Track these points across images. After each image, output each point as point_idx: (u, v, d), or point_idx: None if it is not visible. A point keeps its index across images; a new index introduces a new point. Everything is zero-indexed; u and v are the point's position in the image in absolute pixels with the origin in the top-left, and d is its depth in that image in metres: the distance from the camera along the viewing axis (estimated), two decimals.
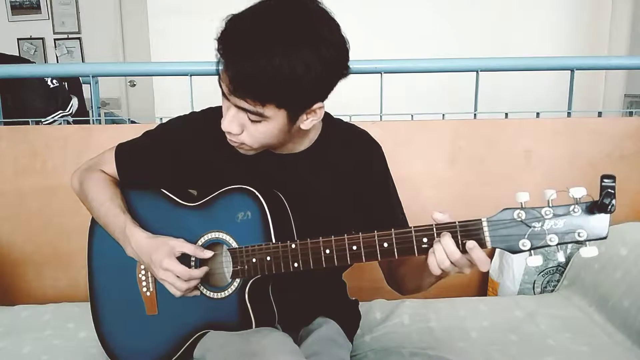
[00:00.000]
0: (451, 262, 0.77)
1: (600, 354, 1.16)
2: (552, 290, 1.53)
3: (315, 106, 0.86)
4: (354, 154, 1.02)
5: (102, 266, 1.08)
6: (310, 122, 0.89)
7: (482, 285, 1.63)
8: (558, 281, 1.53)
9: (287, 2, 0.81)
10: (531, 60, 1.76)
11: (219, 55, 0.81)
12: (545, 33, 2.87)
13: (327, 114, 1.04)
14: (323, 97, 0.87)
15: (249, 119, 0.84)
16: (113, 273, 1.06)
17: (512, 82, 2.40)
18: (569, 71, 1.61)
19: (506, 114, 1.61)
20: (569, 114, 1.63)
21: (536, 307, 1.38)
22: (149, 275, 1.01)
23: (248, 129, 0.86)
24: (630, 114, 2.32)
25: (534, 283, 1.53)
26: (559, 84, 1.90)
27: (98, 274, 1.09)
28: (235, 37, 0.80)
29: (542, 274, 1.53)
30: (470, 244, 0.75)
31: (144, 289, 1.02)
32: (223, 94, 0.85)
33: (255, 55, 0.77)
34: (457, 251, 0.76)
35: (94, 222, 1.09)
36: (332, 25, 0.83)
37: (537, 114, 1.62)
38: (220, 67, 0.83)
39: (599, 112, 1.72)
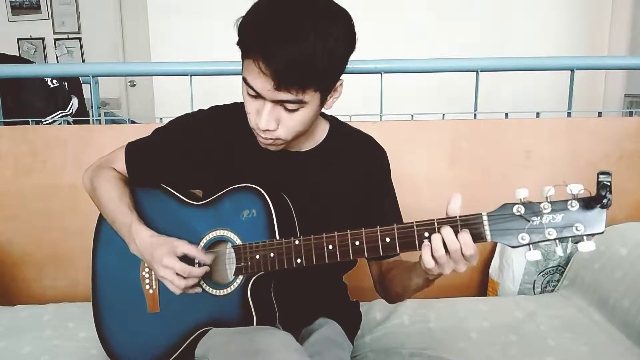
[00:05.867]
0: (446, 252, 0.75)
1: (600, 354, 1.16)
2: (552, 290, 1.53)
3: (338, 83, 0.88)
4: (360, 158, 1.03)
5: (106, 263, 1.09)
6: (332, 101, 0.90)
7: (482, 285, 1.63)
8: (558, 281, 1.53)
9: None
10: (531, 60, 1.75)
11: (249, 56, 0.79)
12: (545, 33, 2.88)
13: (333, 117, 1.06)
14: (342, 72, 0.87)
15: (286, 109, 0.83)
16: (117, 270, 1.06)
17: (512, 82, 2.40)
18: (569, 71, 1.61)
19: (506, 114, 1.62)
20: (569, 114, 1.63)
21: (536, 307, 1.38)
22: (152, 272, 1.02)
23: (284, 122, 0.85)
24: (630, 114, 2.32)
25: (534, 283, 1.53)
26: (559, 84, 1.90)
27: (102, 272, 1.09)
28: (266, 27, 0.78)
29: (542, 274, 1.53)
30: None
31: (147, 286, 1.02)
32: (253, 95, 0.83)
33: (296, 39, 0.75)
34: (456, 241, 0.75)
35: (100, 221, 1.10)
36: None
37: (537, 114, 1.63)
38: (249, 70, 0.80)
39: (599, 112, 1.72)
